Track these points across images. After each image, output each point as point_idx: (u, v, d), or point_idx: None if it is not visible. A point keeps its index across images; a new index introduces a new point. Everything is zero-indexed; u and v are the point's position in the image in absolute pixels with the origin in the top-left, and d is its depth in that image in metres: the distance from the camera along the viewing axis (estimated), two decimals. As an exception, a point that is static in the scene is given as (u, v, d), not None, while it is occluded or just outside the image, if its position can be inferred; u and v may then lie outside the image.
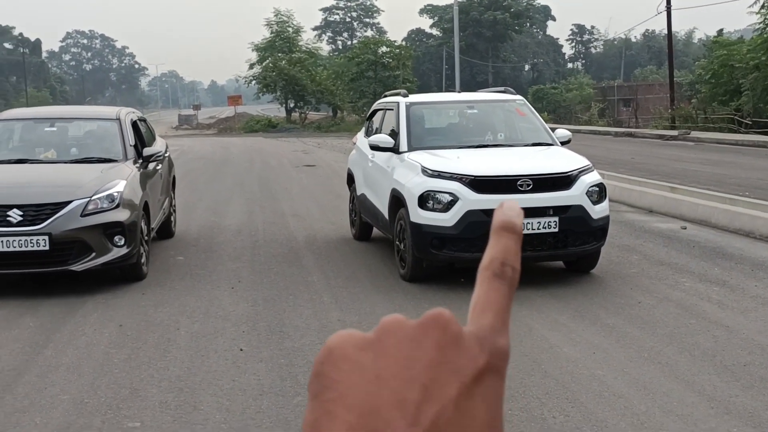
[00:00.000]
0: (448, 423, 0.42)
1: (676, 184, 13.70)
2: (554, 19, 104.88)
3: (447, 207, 7.34)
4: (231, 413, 4.66)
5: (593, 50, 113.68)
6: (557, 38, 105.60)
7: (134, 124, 9.37)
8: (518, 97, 9.24)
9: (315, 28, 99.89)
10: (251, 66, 55.78)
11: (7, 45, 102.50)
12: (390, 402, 0.41)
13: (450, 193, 7.35)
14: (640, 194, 12.94)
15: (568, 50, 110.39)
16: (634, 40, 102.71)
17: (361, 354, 0.43)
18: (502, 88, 9.63)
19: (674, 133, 30.96)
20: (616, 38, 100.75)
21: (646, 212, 12.10)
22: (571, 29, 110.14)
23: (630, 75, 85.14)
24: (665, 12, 36.55)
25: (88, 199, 7.53)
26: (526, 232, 7.23)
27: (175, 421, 4.56)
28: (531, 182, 7.34)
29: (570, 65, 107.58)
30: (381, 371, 0.43)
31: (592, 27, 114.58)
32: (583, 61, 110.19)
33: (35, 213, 7.33)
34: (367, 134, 9.91)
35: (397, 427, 0.41)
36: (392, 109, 9.13)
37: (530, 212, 7.26)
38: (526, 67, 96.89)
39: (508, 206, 0.51)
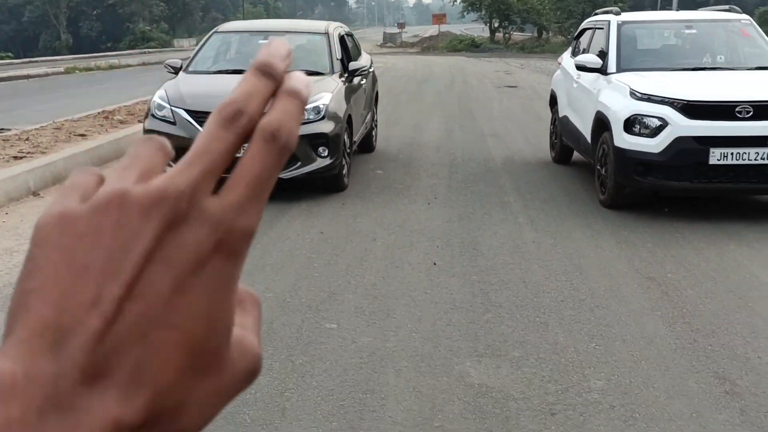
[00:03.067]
0: (152, 322, 0.37)
1: None
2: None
3: (655, 132, 6.98)
4: (422, 323, 4.77)
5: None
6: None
7: (341, 39, 9.56)
8: (744, 16, 8.51)
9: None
10: (457, -16, 55.03)
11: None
12: (90, 299, 0.36)
13: (659, 118, 6.97)
14: None
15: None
16: None
17: (77, 242, 0.38)
18: (727, 7, 8.88)
19: None
20: None
21: None
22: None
23: None
24: None
25: (296, 110, 7.81)
26: (743, 162, 6.78)
27: (369, 326, 4.73)
28: (751, 109, 6.79)
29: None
30: (91, 262, 0.38)
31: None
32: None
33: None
34: (574, 54, 9.55)
35: (90, 325, 0.36)
36: (602, 28, 8.72)
37: (749, 142, 6.77)
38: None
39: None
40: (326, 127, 7.90)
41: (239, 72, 8.92)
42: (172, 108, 7.90)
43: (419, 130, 12.96)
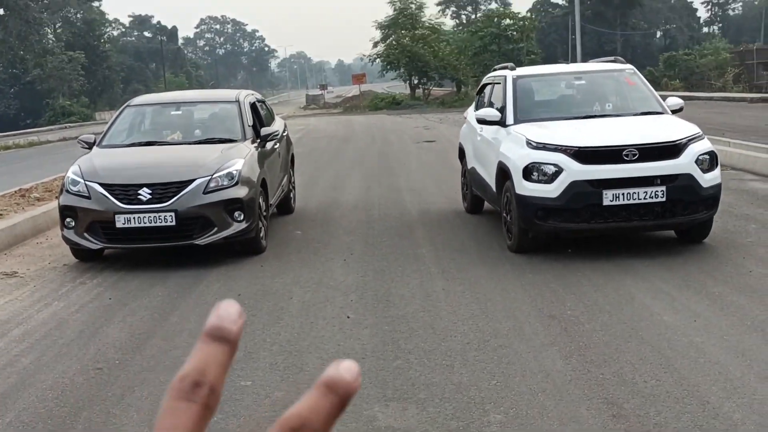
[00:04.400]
0: None
1: (807, 150, 13.08)
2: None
3: (551, 178, 7.40)
4: (334, 374, 4.96)
5: (731, 12, 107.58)
6: (691, 1, 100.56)
7: (253, 106, 9.85)
8: (628, 66, 9.12)
9: (438, 3, 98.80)
10: (375, 44, 56.25)
11: (146, 34, 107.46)
12: None
13: (554, 165, 7.40)
14: None
15: (703, 14, 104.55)
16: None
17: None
18: (612, 58, 9.52)
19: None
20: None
21: (772, 180, 11.66)
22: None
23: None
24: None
25: (210, 177, 8.03)
26: (633, 201, 7.22)
27: (283, 380, 4.91)
28: (637, 152, 7.28)
29: (705, 29, 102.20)
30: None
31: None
32: (720, 25, 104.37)
33: (162, 191, 7.89)
34: (477, 108, 10.02)
35: None
36: (500, 83, 9.22)
37: (637, 182, 7.24)
38: (658, 34, 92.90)
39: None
40: (240, 192, 8.12)
41: (152, 144, 9.13)
42: (86, 182, 8.03)
43: (339, 190, 13.26)
